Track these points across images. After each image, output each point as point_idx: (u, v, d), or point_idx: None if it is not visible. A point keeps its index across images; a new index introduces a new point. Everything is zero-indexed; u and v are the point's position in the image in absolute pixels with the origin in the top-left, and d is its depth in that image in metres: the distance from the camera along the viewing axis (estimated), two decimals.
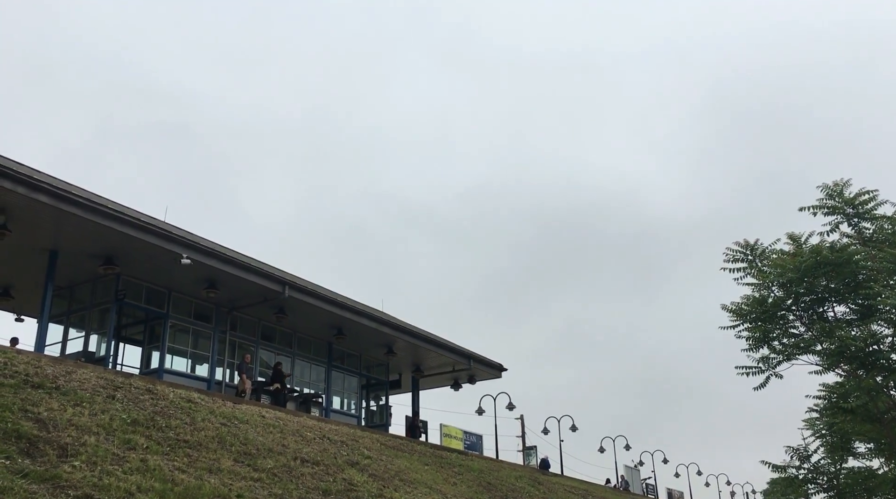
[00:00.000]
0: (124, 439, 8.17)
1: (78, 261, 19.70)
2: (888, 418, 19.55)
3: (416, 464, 12.74)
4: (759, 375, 19.37)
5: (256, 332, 24.54)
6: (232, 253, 21.55)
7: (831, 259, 17.94)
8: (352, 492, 9.63)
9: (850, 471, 23.83)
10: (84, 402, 8.69)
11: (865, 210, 18.57)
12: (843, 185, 18.84)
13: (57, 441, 7.37)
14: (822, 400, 22.55)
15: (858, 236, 18.77)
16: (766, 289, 19.23)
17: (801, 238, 19.24)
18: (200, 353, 23.09)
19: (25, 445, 7.06)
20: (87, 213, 17.49)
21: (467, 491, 12.57)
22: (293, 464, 9.75)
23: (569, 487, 17.76)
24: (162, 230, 19.28)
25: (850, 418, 20.81)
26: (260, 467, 9.15)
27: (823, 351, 18.75)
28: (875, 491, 23.35)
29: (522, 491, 14.56)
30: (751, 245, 19.52)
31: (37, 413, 7.78)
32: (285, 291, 22.05)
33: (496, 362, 30.77)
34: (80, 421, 8.08)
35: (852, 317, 18.94)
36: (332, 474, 10.06)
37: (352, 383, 27.67)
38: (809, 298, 19.05)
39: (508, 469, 16.44)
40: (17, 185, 16.10)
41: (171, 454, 8.36)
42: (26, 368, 8.97)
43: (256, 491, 8.35)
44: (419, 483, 11.44)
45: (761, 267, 19.31)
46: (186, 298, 22.33)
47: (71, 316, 21.93)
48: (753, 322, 19.34)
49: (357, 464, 11.01)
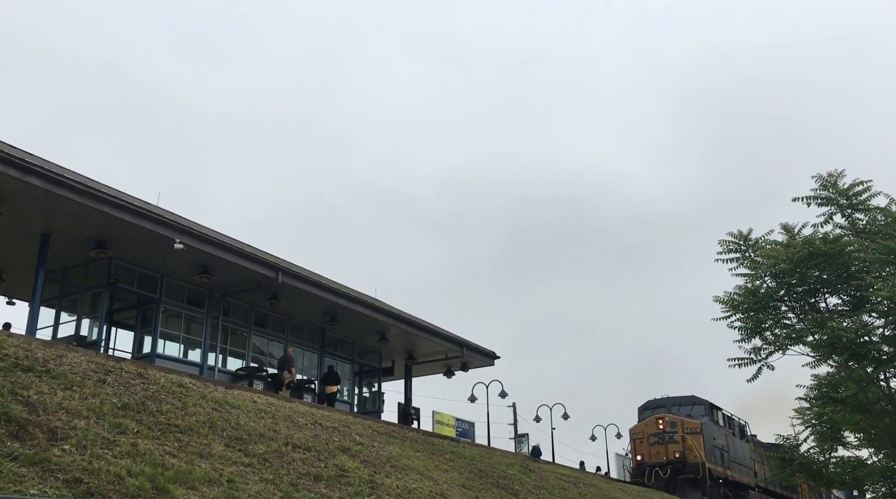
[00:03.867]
0: (115, 423, 8.14)
1: (70, 244, 19.61)
2: (878, 409, 19.67)
3: (408, 450, 12.76)
4: (752, 365, 19.44)
5: (249, 318, 24.51)
6: (225, 238, 21.50)
7: (824, 250, 17.96)
8: (343, 478, 9.63)
9: (840, 460, 24.00)
10: (74, 386, 8.66)
11: (859, 201, 18.58)
12: (837, 176, 18.83)
13: (47, 425, 7.34)
14: (813, 390, 22.68)
15: (852, 228, 18.79)
16: (758, 279, 19.25)
17: (794, 229, 19.25)
18: (193, 338, 23.05)
19: (15, 428, 7.03)
20: (80, 196, 17.39)
21: (458, 478, 12.59)
22: (284, 449, 9.74)
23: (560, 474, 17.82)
24: (155, 215, 19.20)
25: (840, 409, 20.93)
26: (251, 452, 9.14)
27: (815, 342, 18.81)
28: (863, 481, 23.54)
29: (514, 478, 14.60)
30: (744, 236, 19.52)
31: (26, 396, 7.75)
32: (279, 277, 22.02)
33: (489, 350, 30.81)
34: (71, 405, 8.05)
35: (844, 308, 19.00)
36: (323, 459, 10.06)
37: (344, 369, 27.67)
38: (802, 288, 19.09)
39: (500, 456, 16.48)
40: (8, 167, 15.98)
41: (162, 439, 8.34)
42: (16, 351, 8.92)
43: (247, 476, 8.35)
44: (410, 470, 11.45)
45: (754, 258, 19.32)
46: (179, 283, 22.28)
47: (63, 300, 21.86)
48: (745, 313, 19.37)
49: (349, 450, 11.01)
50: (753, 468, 36.01)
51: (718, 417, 33.83)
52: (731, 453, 33.39)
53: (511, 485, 13.88)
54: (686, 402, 32.90)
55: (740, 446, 35.40)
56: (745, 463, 35.17)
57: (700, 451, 30.19)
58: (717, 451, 31.89)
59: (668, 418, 31.58)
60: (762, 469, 35.74)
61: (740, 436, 36.14)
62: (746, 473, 34.94)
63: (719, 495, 31.08)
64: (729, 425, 34.92)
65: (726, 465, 32.46)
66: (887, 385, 19.64)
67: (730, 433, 34.33)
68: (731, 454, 33.35)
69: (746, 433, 37.38)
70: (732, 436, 34.49)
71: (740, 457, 34.73)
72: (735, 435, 35.25)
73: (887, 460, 21.83)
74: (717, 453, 31.75)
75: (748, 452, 35.91)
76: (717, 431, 32.76)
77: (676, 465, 29.99)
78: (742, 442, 35.91)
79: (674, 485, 29.65)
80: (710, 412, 32.80)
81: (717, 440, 32.18)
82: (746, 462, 35.28)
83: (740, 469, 34.19)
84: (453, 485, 11.86)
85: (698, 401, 32.92)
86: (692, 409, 32.49)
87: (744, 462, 34.92)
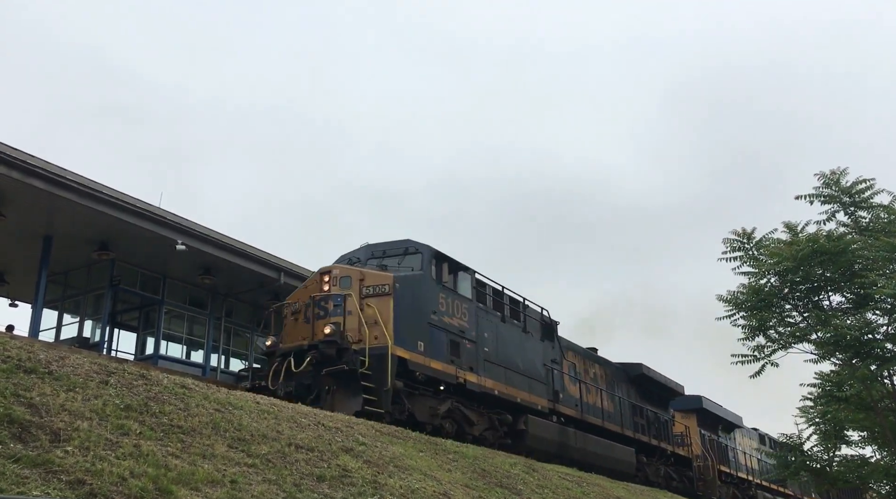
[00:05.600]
0: (117, 424, 8.14)
1: (72, 246, 19.67)
2: (882, 407, 19.64)
3: (411, 450, 12.75)
4: (755, 363, 19.47)
5: (252, 318, 24.54)
6: (227, 239, 21.53)
7: (828, 248, 17.95)
8: (346, 478, 9.62)
9: (843, 459, 23.96)
10: (77, 387, 8.65)
11: (862, 199, 18.59)
12: (840, 173, 18.84)
13: (49, 426, 7.34)
14: (817, 388, 22.65)
15: (855, 225, 18.79)
16: (762, 277, 19.26)
17: (797, 227, 19.26)
18: (196, 339, 23.10)
19: (17, 429, 7.03)
20: (82, 198, 17.45)
21: (462, 478, 12.58)
22: (287, 450, 9.74)
23: (563, 473, 17.80)
24: (157, 216, 19.24)
25: (844, 407, 20.91)
26: (254, 452, 9.13)
27: (819, 340, 18.81)
28: (867, 479, 23.50)
29: (517, 478, 14.59)
30: (748, 234, 19.53)
31: (29, 398, 7.74)
32: (281, 278, 22.05)
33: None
34: (73, 406, 8.05)
35: (848, 306, 18.99)
36: (326, 460, 10.06)
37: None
38: (805, 286, 19.09)
39: (503, 456, 16.46)
40: (10, 169, 16.03)
41: (165, 440, 8.33)
42: (19, 353, 8.92)
43: (250, 477, 8.34)
44: (413, 470, 11.44)
45: (757, 256, 19.34)
46: (181, 284, 22.32)
47: (65, 302, 21.92)
48: (749, 311, 19.38)
49: (352, 450, 11.00)
50: (573, 392, 22.11)
51: (461, 280, 18.05)
52: (488, 348, 18.07)
53: (514, 484, 13.87)
54: (397, 250, 17.72)
55: (528, 345, 20.06)
56: (533, 374, 19.82)
57: (386, 328, 15.10)
58: (439, 334, 16.66)
59: (338, 273, 16.24)
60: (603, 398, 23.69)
61: (539, 334, 20.86)
62: (532, 389, 19.45)
63: (439, 406, 16.26)
64: (495, 303, 19.22)
65: (465, 364, 17.07)
66: (891, 383, 19.62)
67: (495, 316, 18.92)
68: (488, 350, 18.04)
69: (552, 329, 21.87)
70: (502, 323, 19.12)
71: (518, 361, 19.27)
72: (518, 325, 19.92)
73: (891, 458, 21.80)
74: (434, 338, 16.48)
75: (541, 356, 20.65)
76: (451, 302, 17.34)
77: (324, 350, 14.69)
78: (535, 341, 20.55)
79: (315, 386, 14.75)
80: (432, 266, 17.29)
81: (439, 316, 16.78)
82: (535, 373, 19.92)
83: (511, 379, 18.60)
84: (456, 485, 11.86)
85: (414, 248, 17.54)
86: (403, 260, 17.39)
87: (531, 372, 19.66)
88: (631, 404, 26.17)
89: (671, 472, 27.66)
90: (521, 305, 20.30)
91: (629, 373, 27.24)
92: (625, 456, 23.59)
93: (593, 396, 23.52)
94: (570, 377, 22.26)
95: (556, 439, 19.95)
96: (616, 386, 25.74)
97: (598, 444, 22.05)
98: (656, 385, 28.46)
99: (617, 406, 24.94)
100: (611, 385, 25.22)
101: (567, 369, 22.20)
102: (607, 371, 25.48)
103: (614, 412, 24.53)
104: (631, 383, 27.10)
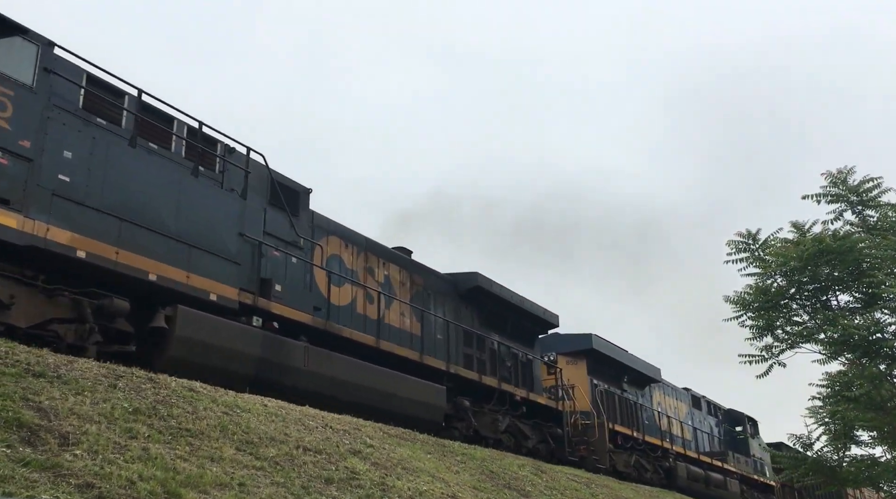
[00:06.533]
0: (126, 427, 8.17)
1: None
2: (891, 406, 19.55)
3: (419, 453, 12.76)
4: (763, 363, 19.42)
5: None
6: None
7: (834, 247, 17.90)
8: (354, 480, 9.64)
9: (853, 459, 23.85)
10: (85, 391, 8.70)
11: (870, 198, 18.51)
12: (847, 172, 18.77)
13: (58, 430, 7.37)
14: (825, 388, 22.56)
15: (862, 224, 18.72)
16: (769, 277, 19.21)
17: (804, 226, 19.21)
18: None
19: (26, 433, 7.06)
20: None
21: (470, 479, 12.59)
22: (295, 453, 9.76)
23: (572, 475, 17.80)
24: None
25: (853, 407, 20.82)
26: (262, 455, 9.16)
27: (827, 340, 18.74)
28: (877, 479, 23.38)
29: (525, 480, 14.58)
30: (753, 235, 19.50)
31: (38, 402, 7.78)
32: None
33: None
34: (82, 410, 8.08)
35: (856, 305, 18.92)
36: (334, 462, 10.07)
37: None
38: (812, 286, 19.03)
39: (511, 458, 16.46)
40: None
41: (173, 443, 8.36)
42: (28, 357, 8.97)
43: (258, 479, 8.36)
44: (421, 472, 11.45)
45: (763, 256, 19.29)
46: None
47: None
48: (756, 311, 19.34)
49: (359, 453, 11.02)
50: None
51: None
52: (70, 177, 10.76)
53: (522, 486, 13.87)
54: None
55: (204, 199, 12.70)
56: (210, 245, 12.59)
57: None
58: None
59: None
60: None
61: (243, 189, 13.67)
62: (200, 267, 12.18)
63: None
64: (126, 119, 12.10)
65: None
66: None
67: (112, 134, 11.65)
68: (69, 180, 10.76)
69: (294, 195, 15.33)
70: (132, 148, 11.77)
71: (171, 220, 12.05)
72: (185, 165, 12.59)
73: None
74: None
75: (239, 222, 13.37)
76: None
77: None
78: (227, 196, 13.22)
79: None
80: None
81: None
82: (214, 245, 12.69)
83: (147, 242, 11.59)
84: (465, 486, 11.86)
85: None
86: None
87: (202, 241, 12.48)
88: (457, 328, 19.27)
89: (522, 426, 20.44)
90: (197, 134, 12.91)
91: (460, 287, 20.18)
92: (425, 397, 16.34)
93: (375, 307, 16.58)
94: (328, 274, 15.64)
95: (249, 350, 12.60)
96: (434, 303, 19.09)
97: (359, 371, 14.74)
98: (511, 309, 21.40)
99: (430, 329, 18.30)
100: (423, 300, 18.70)
101: (323, 261, 15.70)
102: (418, 280, 18.77)
103: (422, 337, 17.84)
104: (467, 303, 20.29)
